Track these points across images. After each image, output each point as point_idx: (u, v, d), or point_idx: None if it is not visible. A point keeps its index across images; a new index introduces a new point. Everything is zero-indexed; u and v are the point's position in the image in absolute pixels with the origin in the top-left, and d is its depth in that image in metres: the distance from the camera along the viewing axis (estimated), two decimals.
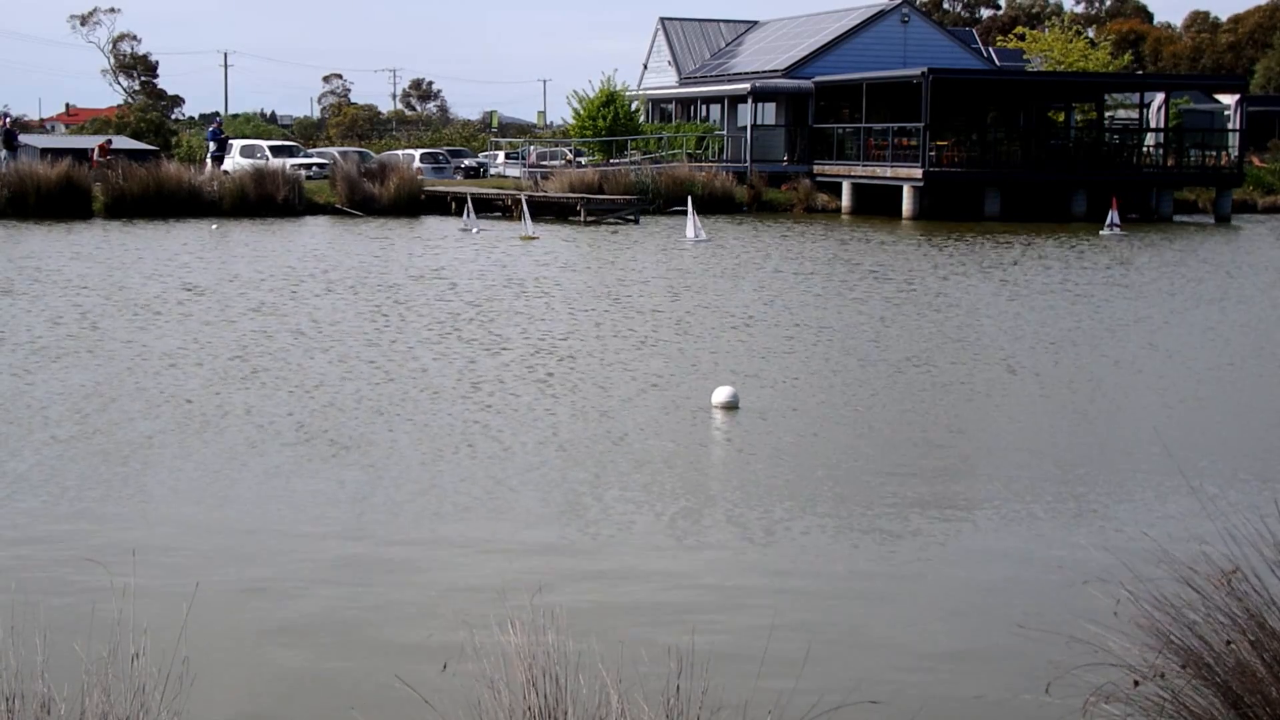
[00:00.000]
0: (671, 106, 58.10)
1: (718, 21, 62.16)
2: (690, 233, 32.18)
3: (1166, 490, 10.17)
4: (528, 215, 34.85)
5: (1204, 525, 8.24)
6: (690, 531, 9.17)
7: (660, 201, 43.30)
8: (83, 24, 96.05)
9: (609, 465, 10.80)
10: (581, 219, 39.32)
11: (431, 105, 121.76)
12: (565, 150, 54.43)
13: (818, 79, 50.22)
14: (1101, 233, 36.47)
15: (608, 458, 11.05)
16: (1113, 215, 37.14)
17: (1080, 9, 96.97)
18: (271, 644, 7.13)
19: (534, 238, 32.74)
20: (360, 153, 51.74)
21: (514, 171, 52.93)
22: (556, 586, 7.58)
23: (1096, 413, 13.25)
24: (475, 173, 54.37)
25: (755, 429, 12.18)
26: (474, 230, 34.24)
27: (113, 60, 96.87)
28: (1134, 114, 52.72)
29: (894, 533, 9.17)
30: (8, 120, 48.63)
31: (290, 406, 12.86)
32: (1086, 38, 67.76)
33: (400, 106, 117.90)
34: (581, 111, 51.62)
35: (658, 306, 20.33)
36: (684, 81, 58.34)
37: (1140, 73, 68.69)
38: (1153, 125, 51.73)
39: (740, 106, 51.38)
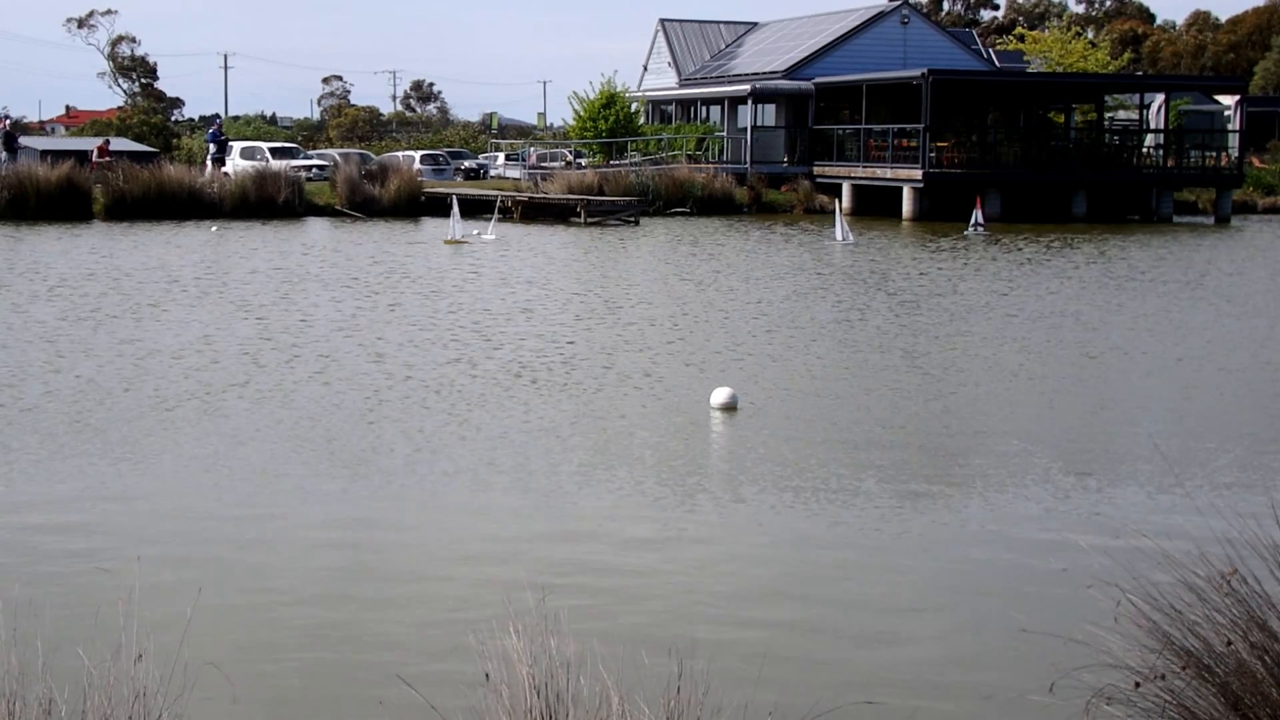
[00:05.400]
0: (671, 108, 58.12)
1: (718, 23, 62.18)
2: (839, 235, 32.94)
3: (1166, 491, 10.18)
4: (456, 214, 33.48)
5: (1203, 526, 8.25)
6: (692, 533, 9.19)
7: (660, 203, 43.31)
8: (80, 26, 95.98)
9: (623, 463, 10.82)
10: (582, 220, 39.33)
11: (432, 107, 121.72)
12: (565, 152, 54.44)
13: (818, 80, 50.24)
14: (966, 232, 36.35)
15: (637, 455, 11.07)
16: (976, 214, 37.17)
17: (1080, 9, 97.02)
18: (273, 647, 7.14)
19: (461, 241, 31.87)
20: (361, 154, 51.74)
21: (514, 173, 52.94)
22: (557, 587, 7.59)
23: (1095, 412, 13.27)
24: (475, 174, 54.38)
25: (754, 429, 12.19)
26: (476, 233, 34.12)
27: (111, 63, 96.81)
28: (1134, 115, 52.74)
29: (894, 534, 9.18)
30: (8, 122, 48.66)
31: (290, 409, 12.87)
32: (1086, 38, 67.76)
33: (400, 108, 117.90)
34: (582, 113, 51.64)
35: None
36: (684, 83, 58.36)
37: (1140, 74, 68.70)
38: (1153, 126, 51.76)
39: (740, 108, 51.40)
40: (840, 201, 36.53)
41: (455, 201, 34.58)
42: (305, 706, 6.47)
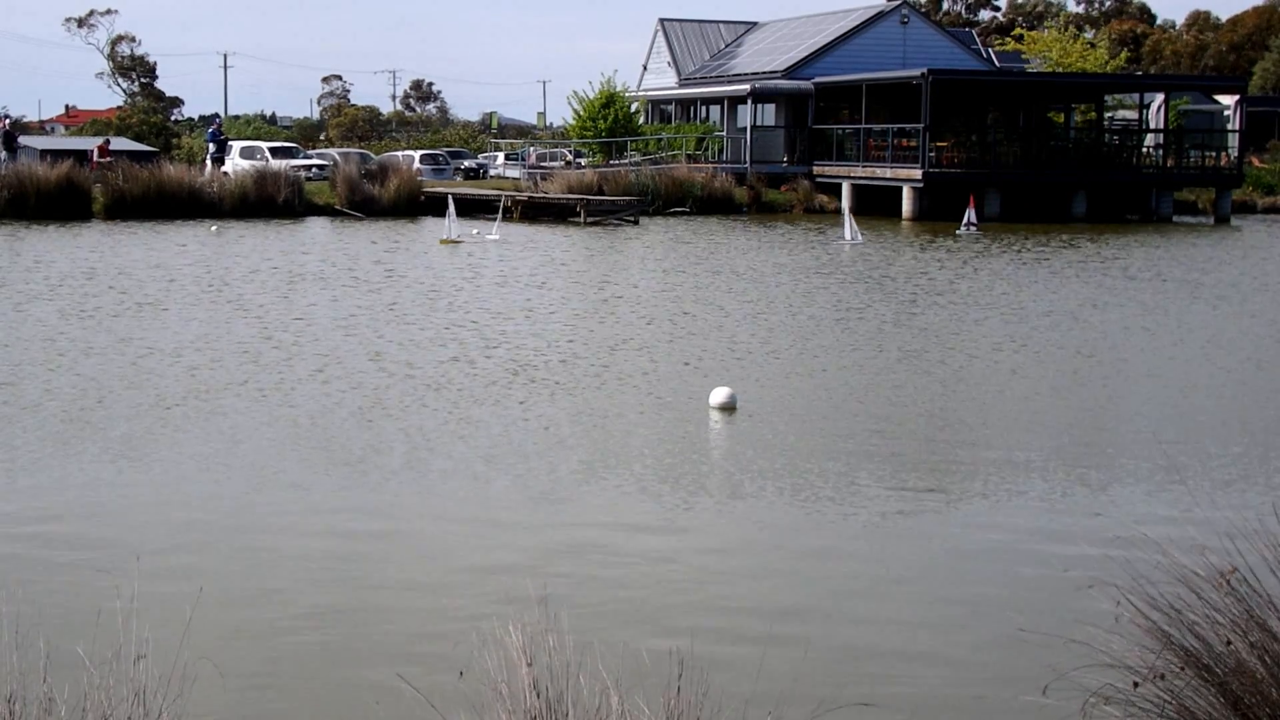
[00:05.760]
0: (671, 107, 58.11)
1: (717, 22, 62.17)
2: (848, 235, 33.20)
3: (1165, 490, 10.19)
4: (452, 214, 33.52)
5: (1203, 525, 8.26)
6: (691, 533, 9.19)
7: (660, 203, 43.31)
8: (79, 25, 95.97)
9: (624, 464, 10.83)
10: (582, 220, 39.33)
11: (431, 106, 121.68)
12: (565, 151, 54.43)
13: (817, 80, 50.24)
14: (958, 232, 36.30)
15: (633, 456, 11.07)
16: (969, 214, 37.10)
17: (1079, 9, 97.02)
18: (273, 646, 7.14)
19: (457, 241, 31.80)
20: (360, 154, 51.71)
21: (514, 173, 52.94)
22: (557, 587, 7.59)
23: (1094, 411, 13.27)
24: (475, 174, 54.37)
25: (754, 429, 12.19)
26: (476, 233, 34.11)
27: (111, 63, 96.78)
28: (1134, 114, 52.72)
29: (893, 534, 9.19)
30: (7, 122, 48.68)
31: (290, 407, 12.87)
32: (1085, 38, 67.74)
33: (400, 108, 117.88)
34: (581, 112, 51.64)
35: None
36: (684, 82, 58.35)
37: (1140, 74, 68.69)
38: (1152, 126, 51.74)
39: (740, 107, 51.39)
40: (843, 201, 36.64)
41: (451, 201, 34.60)
42: (305, 706, 6.47)
